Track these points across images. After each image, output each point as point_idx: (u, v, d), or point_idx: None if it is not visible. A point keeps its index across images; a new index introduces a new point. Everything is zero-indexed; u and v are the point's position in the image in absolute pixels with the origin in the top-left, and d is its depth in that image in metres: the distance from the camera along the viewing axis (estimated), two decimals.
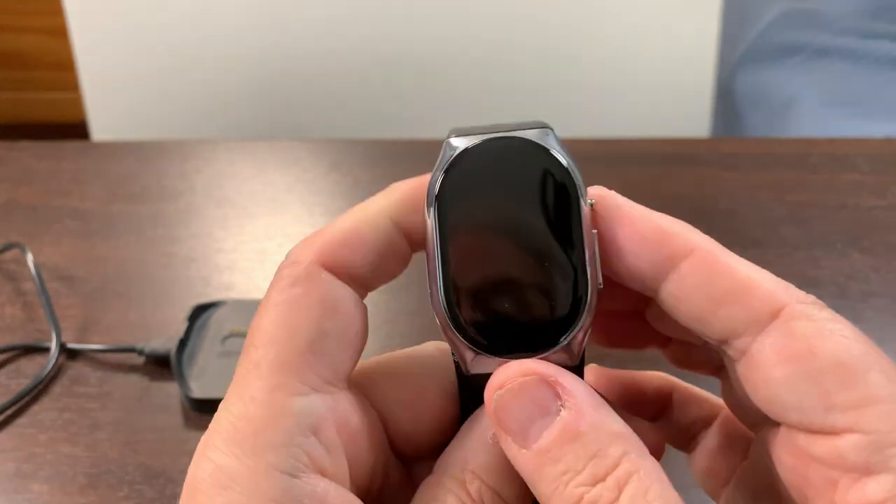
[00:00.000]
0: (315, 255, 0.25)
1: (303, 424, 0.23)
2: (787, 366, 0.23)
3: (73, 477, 0.49)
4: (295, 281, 0.24)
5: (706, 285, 0.24)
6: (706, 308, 0.24)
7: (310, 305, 0.24)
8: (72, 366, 0.56)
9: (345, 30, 1.14)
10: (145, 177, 0.76)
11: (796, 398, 0.22)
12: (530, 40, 1.13)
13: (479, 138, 0.25)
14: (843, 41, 1.14)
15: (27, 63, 1.96)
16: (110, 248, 0.67)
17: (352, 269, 0.25)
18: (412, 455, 0.27)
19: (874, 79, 1.11)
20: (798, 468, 0.23)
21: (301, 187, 0.74)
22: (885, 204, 0.68)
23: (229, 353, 0.55)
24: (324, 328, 0.24)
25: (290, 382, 0.23)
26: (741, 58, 1.20)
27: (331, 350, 0.24)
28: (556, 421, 0.22)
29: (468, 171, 0.25)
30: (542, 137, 0.25)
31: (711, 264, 0.24)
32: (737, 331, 0.23)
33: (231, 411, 0.23)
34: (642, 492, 0.21)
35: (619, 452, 0.22)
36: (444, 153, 0.25)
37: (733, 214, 0.68)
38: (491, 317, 0.24)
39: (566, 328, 0.24)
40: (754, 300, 0.23)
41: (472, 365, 0.25)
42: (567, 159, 0.25)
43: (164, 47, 1.15)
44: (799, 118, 1.08)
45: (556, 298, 0.24)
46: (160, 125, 1.19)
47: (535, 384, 0.23)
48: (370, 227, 0.25)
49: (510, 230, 0.24)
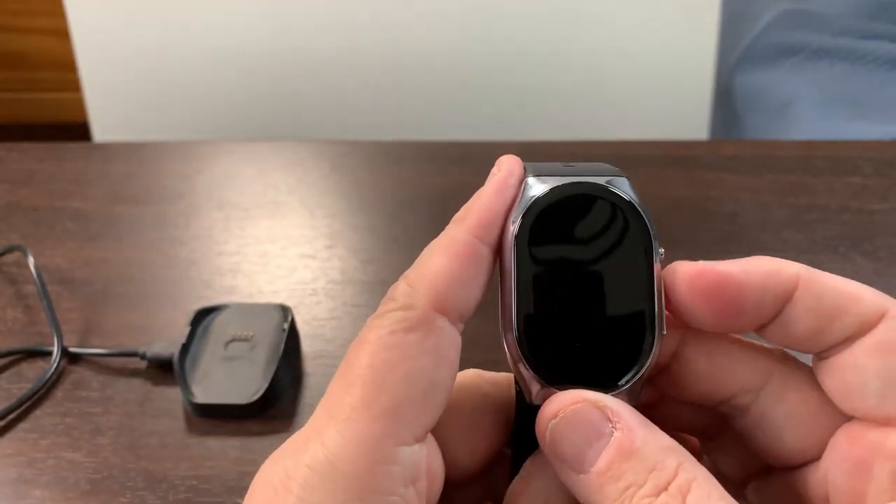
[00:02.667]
0: (429, 299, 0.25)
1: (406, 476, 0.23)
2: (881, 357, 0.24)
3: (74, 482, 0.49)
4: (411, 327, 0.24)
5: (817, 307, 0.25)
6: (821, 325, 0.25)
7: (426, 354, 0.24)
8: (73, 370, 0.56)
9: (346, 31, 1.14)
10: (147, 178, 0.76)
11: (882, 386, 0.24)
12: (530, 43, 1.13)
13: (558, 181, 0.26)
14: (842, 42, 1.14)
15: (28, 64, 1.95)
16: (112, 250, 0.67)
17: (462, 309, 0.25)
18: (454, 482, 0.27)
19: (873, 79, 1.11)
20: (862, 465, 0.24)
21: (303, 189, 0.74)
22: (888, 207, 0.68)
23: (232, 357, 0.55)
24: (435, 379, 0.24)
25: (400, 431, 0.24)
26: (740, 58, 1.20)
27: (437, 401, 0.25)
28: (612, 442, 0.24)
29: (547, 214, 0.26)
30: (619, 185, 0.26)
31: (818, 287, 0.25)
32: (848, 337, 0.25)
33: (331, 449, 0.23)
34: (705, 496, 0.23)
35: (675, 463, 0.23)
36: (523, 194, 0.26)
37: (735, 217, 0.68)
38: (560, 354, 0.25)
39: (629, 370, 0.25)
40: (862, 308, 0.25)
41: (536, 397, 0.26)
42: (642, 209, 0.26)
43: (165, 48, 1.15)
44: (798, 119, 1.07)
45: (623, 342, 0.25)
46: (161, 126, 1.19)
47: (586, 410, 0.24)
48: (474, 260, 0.25)
49: (584, 273, 0.26)
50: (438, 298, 0.25)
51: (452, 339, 0.25)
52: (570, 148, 0.79)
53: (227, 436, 0.52)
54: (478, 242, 0.25)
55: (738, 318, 0.25)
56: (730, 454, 0.28)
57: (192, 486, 0.48)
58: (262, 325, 0.57)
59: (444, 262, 0.25)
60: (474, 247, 0.25)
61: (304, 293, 0.62)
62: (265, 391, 0.52)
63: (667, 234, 0.67)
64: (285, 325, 0.56)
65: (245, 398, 0.52)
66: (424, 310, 0.25)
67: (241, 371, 0.54)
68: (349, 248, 0.66)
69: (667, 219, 0.68)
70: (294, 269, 0.65)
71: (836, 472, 0.25)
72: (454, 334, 0.25)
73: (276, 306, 0.58)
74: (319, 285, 0.63)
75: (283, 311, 0.58)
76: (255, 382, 0.53)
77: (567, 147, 0.79)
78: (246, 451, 0.50)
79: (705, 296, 0.25)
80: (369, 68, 1.16)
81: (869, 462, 0.24)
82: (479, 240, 0.25)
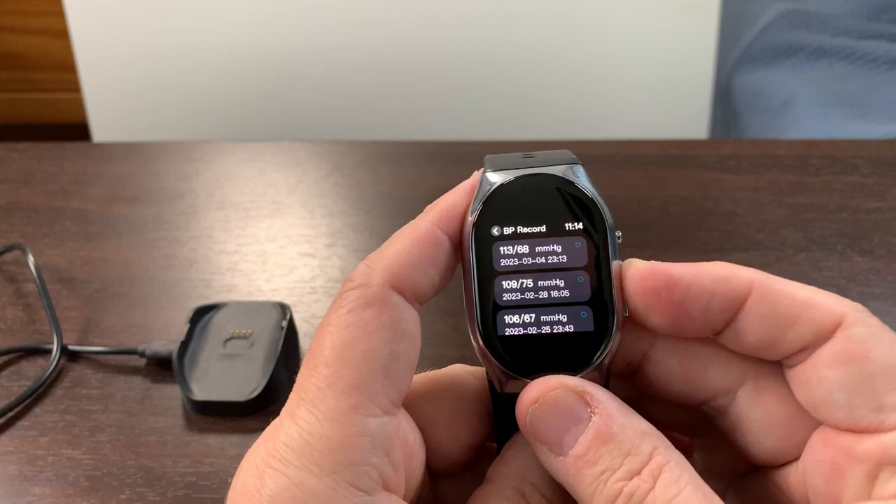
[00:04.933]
0: (385, 278, 0.26)
1: (378, 445, 0.24)
2: (842, 367, 0.24)
3: (74, 479, 0.49)
4: (367, 303, 0.25)
5: (771, 315, 0.25)
6: (774, 334, 0.25)
7: (383, 327, 0.25)
8: (73, 368, 0.57)
9: (346, 32, 1.14)
10: (146, 178, 0.76)
11: (847, 397, 0.24)
12: (530, 43, 1.13)
13: (513, 174, 0.27)
14: (841, 42, 1.14)
15: (28, 64, 1.95)
16: (111, 250, 0.67)
17: (418, 289, 0.26)
18: (441, 470, 0.28)
19: (872, 79, 1.11)
20: (836, 468, 0.25)
21: (302, 189, 0.74)
22: (886, 206, 0.68)
23: (231, 355, 0.55)
24: (395, 351, 0.25)
25: (366, 403, 0.24)
26: (739, 58, 1.20)
27: (400, 373, 0.25)
28: (590, 427, 0.24)
29: (503, 205, 0.27)
30: (572, 174, 0.27)
31: (771, 294, 0.25)
32: (804, 346, 0.25)
33: (303, 427, 0.24)
34: (675, 479, 0.23)
35: (650, 448, 0.24)
36: (480, 187, 0.27)
37: (733, 216, 0.68)
38: (524, 342, 0.26)
39: (593, 353, 0.26)
40: (817, 316, 0.25)
41: (506, 386, 0.27)
42: (596, 195, 0.27)
43: (164, 49, 1.15)
44: (797, 119, 1.07)
45: (584, 326, 0.26)
46: (161, 127, 1.19)
47: (565, 395, 0.25)
48: (432, 245, 0.26)
49: (543, 262, 0.26)
50: (394, 277, 0.26)
51: (410, 315, 0.26)
52: (570, 147, 0.79)
53: (225, 433, 0.52)
54: (437, 230, 0.27)
55: (687, 321, 0.26)
56: (718, 452, 0.29)
57: (191, 482, 0.49)
58: (260, 323, 0.57)
59: (402, 245, 0.26)
60: (433, 234, 0.26)
61: (303, 291, 0.62)
62: (264, 388, 0.53)
63: (665, 233, 0.68)
64: (284, 323, 0.56)
65: (244, 395, 0.52)
66: (380, 287, 0.25)
67: (239, 369, 0.54)
68: (349, 247, 0.66)
69: (665, 218, 0.68)
70: (293, 267, 0.65)
71: (812, 474, 0.25)
72: (411, 311, 0.26)
73: (275, 304, 0.58)
74: (318, 284, 0.63)
75: (282, 309, 0.58)
76: (254, 380, 0.53)
77: (567, 146, 0.79)
78: (244, 448, 0.50)
79: (653, 296, 0.26)
80: (369, 69, 1.16)
81: (843, 466, 0.24)
82: (440, 229, 0.27)
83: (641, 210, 0.69)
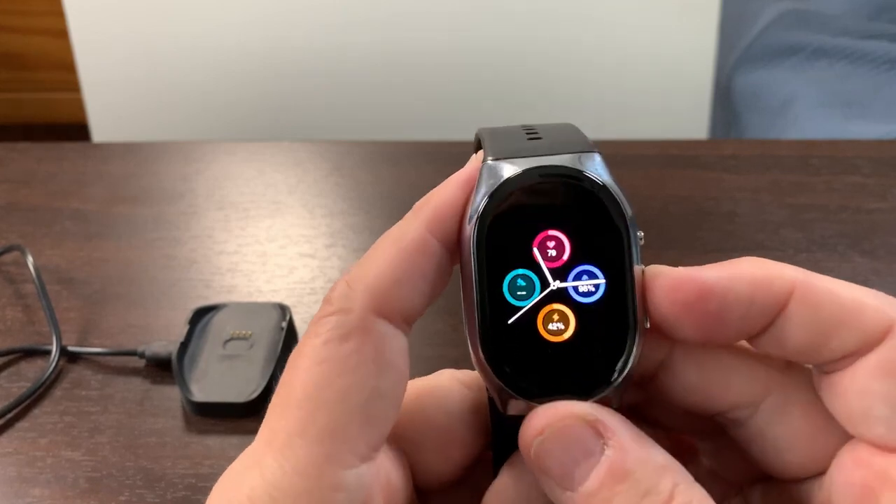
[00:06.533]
0: (368, 301, 0.22)
1: (354, 499, 0.22)
2: (888, 380, 0.22)
3: (73, 481, 0.49)
4: (346, 333, 0.22)
5: (814, 320, 0.22)
6: (816, 340, 0.23)
7: (364, 362, 0.22)
8: (72, 369, 0.56)
9: (346, 31, 1.14)
10: (146, 178, 0.76)
11: (890, 413, 0.22)
12: (530, 43, 1.13)
13: (520, 165, 0.23)
14: (842, 42, 1.14)
15: (27, 64, 1.95)
16: (111, 251, 0.67)
17: (407, 309, 0.23)
18: (431, 489, 0.26)
19: (872, 79, 1.11)
20: (868, 492, 0.22)
21: (303, 189, 0.74)
22: (886, 206, 0.68)
23: (231, 356, 0.55)
24: (378, 389, 0.22)
25: (342, 453, 0.22)
26: (739, 58, 1.20)
27: (382, 413, 0.22)
28: (603, 461, 0.21)
29: (511, 202, 0.23)
30: (590, 165, 0.23)
31: (814, 296, 0.22)
32: (847, 354, 0.23)
33: (269, 479, 0.21)
34: None
35: (670, 485, 0.21)
36: (482, 179, 0.23)
37: (733, 217, 0.68)
38: (532, 360, 0.23)
39: (610, 371, 0.23)
40: (865, 322, 0.22)
41: (510, 407, 0.23)
42: (617, 190, 0.23)
43: (164, 48, 1.15)
44: (797, 119, 1.07)
45: (600, 341, 0.23)
46: (161, 126, 1.19)
47: (576, 426, 0.22)
48: (422, 256, 0.23)
49: (556, 268, 0.23)
50: (378, 299, 0.22)
51: (397, 344, 0.23)
52: None
53: (225, 434, 0.52)
54: (428, 236, 0.23)
55: (721, 331, 0.23)
56: (727, 458, 0.27)
57: (191, 484, 0.48)
58: (260, 323, 0.57)
59: (386, 259, 0.23)
60: (423, 241, 0.23)
61: (303, 292, 0.62)
62: (263, 390, 0.52)
63: (666, 233, 0.68)
64: (283, 324, 0.56)
65: (243, 397, 0.52)
66: (361, 313, 0.22)
67: (239, 370, 0.54)
68: (349, 248, 0.66)
69: (666, 218, 0.68)
70: (293, 268, 0.65)
71: (840, 495, 0.23)
72: (399, 339, 0.23)
73: (275, 305, 0.58)
74: (318, 284, 0.63)
75: (282, 309, 0.58)
76: (254, 381, 0.53)
77: None
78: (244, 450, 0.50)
79: (685, 309, 0.23)
80: (369, 68, 1.16)
81: (876, 490, 0.22)
82: (432, 234, 0.23)
83: (641, 210, 0.69)
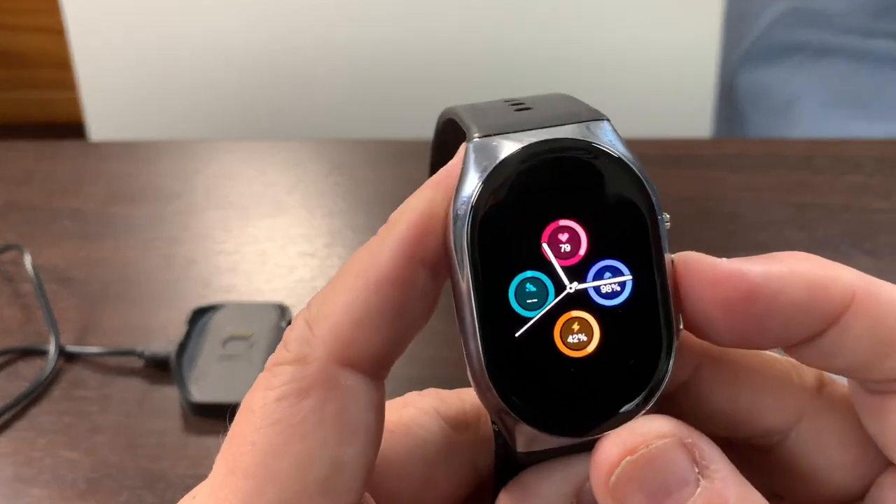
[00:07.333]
0: (331, 348, 0.18)
1: None
2: None
3: (72, 481, 0.49)
4: (304, 388, 0.18)
5: (873, 335, 0.19)
6: (870, 359, 0.19)
7: (324, 425, 0.18)
8: (71, 369, 0.56)
9: (346, 30, 1.13)
10: (144, 178, 0.76)
11: None
12: (532, 41, 1.13)
13: (515, 141, 0.18)
14: (845, 40, 1.14)
15: (24, 62, 1.95)
16: (109, 250, 0.67)
17: (381, 354, 0.19)
18: None
19: (876, 78, 1.11)
20: None
21: (302, 188, 0.73)
22: (890, 206, 0.67)
23: (229, 356, 0.55)
24: (340, 459, 0.18)
25: None
26: (743, 57, 1.19)
27: (345, 485, 0.18)
28: (700, 493, 0.18)
29: (509, 189, 0.18)
30: (600, 134, 0.19)
31: (876, 308, 0.19)
32: None
33: None
34: None
35: None
36: (469, 165, 0.18)
37: (736, 216, 0.67)
38: (550, 383, 0.18)
39: (641, 387, 0.19)
40: None
41: (527, 443, 0.19)
42: (635, 163, 0.19)
43: (162, 47, 1.15)
44: (801, 118, 1.07)
45: (632, 354, 0.19)
46: (159, 126, 1.19)
47: (669, 450, 0.18)
48: (399, 287, 0.19)
49: (572, 266, 0.18)
50: (343, 347, 0.18)
51: (366, 399, 0.19)
52: None
53: (224, 434, 0.51)
54: (405, 262, 0.19)
55: (758, 338, 0.19)
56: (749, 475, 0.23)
57: (190, 484, 0.48)
58: (259, 323, 0.57)
59: (354, 296, 0.19)
60: (399, 269, 0.19)
61: (303, 292, 0.62)
62: None
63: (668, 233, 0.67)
64: (283, 324, 0.56)
65: (242, 397, 0.52)
66: (323, 364, 0.18)
67: (238, 370, 0.54)
68: (349, 247, 0.66)
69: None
70: (293, 267, 0.64)
71: None
72: (369, 393, 0.19)
73: (274, 305, 0.58)
74: (318, 284, 0.62)
75: (281, 309, 0.58)
76: (253, 381, 0.53)
77: None
78: None
79: (725, 310, 0.19)
80: (369, 67, 1.16)
81: None
82: (409, 256, 0.19)
83: None
